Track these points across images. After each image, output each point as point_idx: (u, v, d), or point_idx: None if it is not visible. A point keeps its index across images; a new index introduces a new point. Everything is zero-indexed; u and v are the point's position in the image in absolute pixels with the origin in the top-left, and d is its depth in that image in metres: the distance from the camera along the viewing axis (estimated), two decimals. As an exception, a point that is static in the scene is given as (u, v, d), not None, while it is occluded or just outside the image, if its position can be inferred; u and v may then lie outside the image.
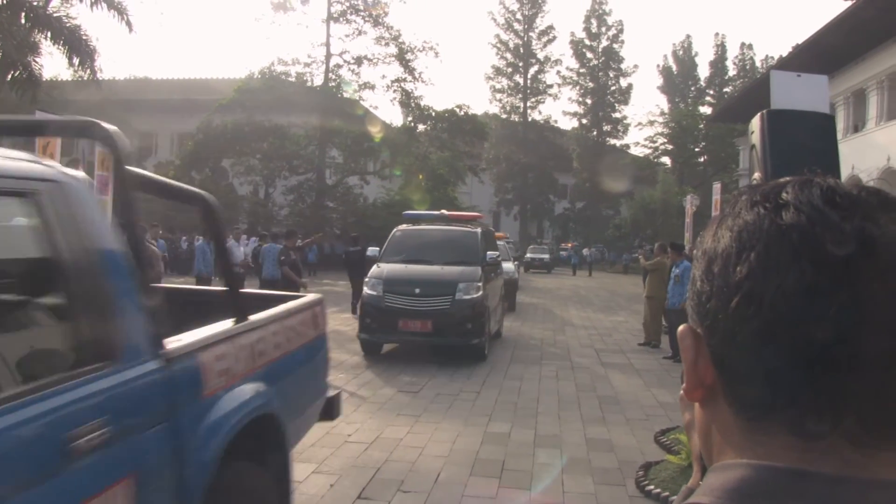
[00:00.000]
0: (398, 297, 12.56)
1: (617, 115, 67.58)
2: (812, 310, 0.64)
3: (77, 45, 22.20)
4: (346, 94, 42.51)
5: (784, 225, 0.68)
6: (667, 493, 6.16)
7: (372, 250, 14.69)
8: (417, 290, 12.53)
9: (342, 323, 16.42)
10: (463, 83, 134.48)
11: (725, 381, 0.72)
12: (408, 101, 42.64)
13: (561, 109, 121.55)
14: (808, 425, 0.66)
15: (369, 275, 13.32)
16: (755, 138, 4.74)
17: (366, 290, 12.97)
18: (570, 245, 59.29)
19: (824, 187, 0.70)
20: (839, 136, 27.76)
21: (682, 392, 0.82)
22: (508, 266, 21.72)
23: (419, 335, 12.60)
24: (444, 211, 17.61)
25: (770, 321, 0.66)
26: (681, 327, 0.77)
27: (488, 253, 14.17)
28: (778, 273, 0.66)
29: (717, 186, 15.42)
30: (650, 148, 64.70)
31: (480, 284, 12.89)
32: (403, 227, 15.22)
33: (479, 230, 14.92)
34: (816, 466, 0.65)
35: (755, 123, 4.78)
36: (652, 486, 6.39)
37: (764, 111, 4.71)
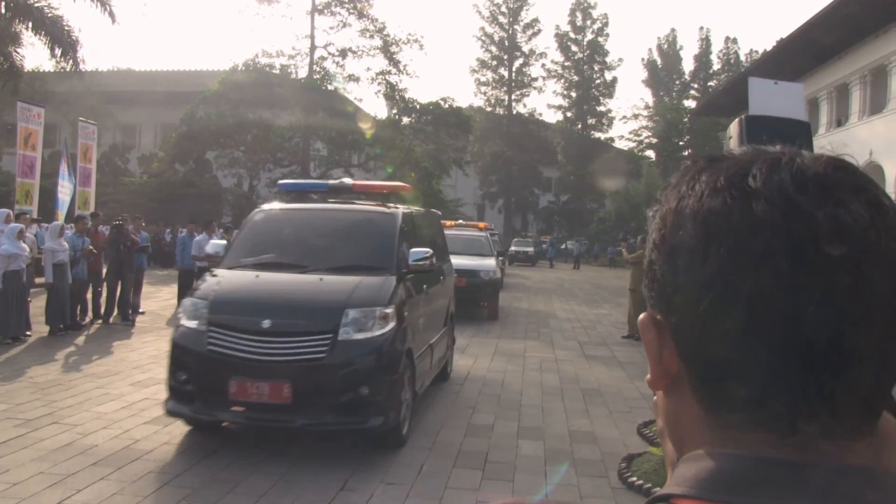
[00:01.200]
0: (231, 338, 6.89)
1: (602, 108, 67.65)
2: (790, 308, 0.62)
3: (59, 36, 22.02)
4: (330, 87, 42.37)
5: (755, 219, 0.64)
6: (649, 485, 6.19)
7: (215, 245, 9.43)
8: (266, 324, 6.81)
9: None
10: (448, 76, 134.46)
11: (693, 377, 0.70)
12: (392, 94, 42.54)
13: (546, 102, 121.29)
14: (783, 421, 0.65)
15: (191, 293, 7.97)
16: (733, 143, 4.78)
17: (180, 321, 7.42)
18: (546, 238, 59.46)
19: (794, 170, 0.66)
20: (822, 130, 28.01)
21: (654, 399, 0.80)
22: (489, 263, 18.55)
23: (267, 410, 6.74)
24: (345, 179, 10.86)
25: (745, 321, 0.64)
26: (641, 316, 0.74)
27: (415, 251, 8.23)
28: (752, 271, 0.63)
29: (700, 180, 15.51)
30: (635, 141, 64.85)
31: (390, 311, 7.18)
32: (270, 206, 9.48)
33: (398, 212, 8.80)
34: (790, 458, 0.64)
35: (733, 128, 4.83)
36: (634, 478, 6.42)
37: (742, 116, 4.75)
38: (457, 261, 13.84)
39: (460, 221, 21.32)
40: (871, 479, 0.64)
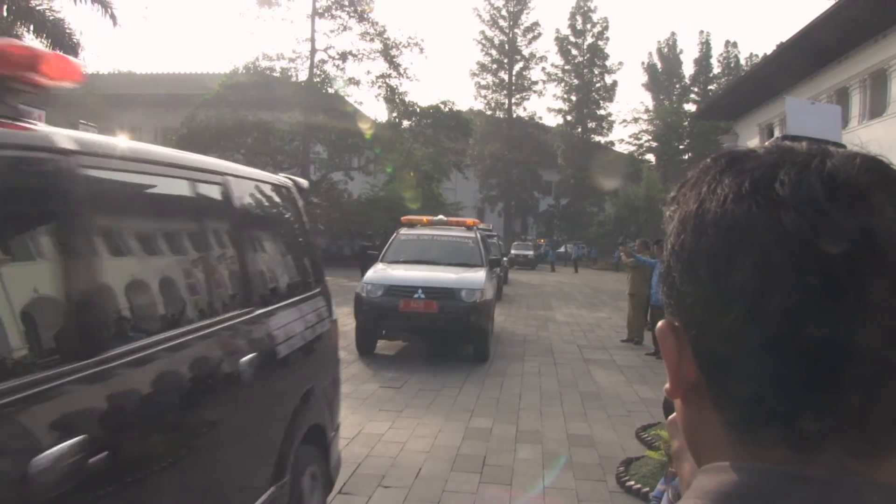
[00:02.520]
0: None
1: (602, 112, 67.72)
2: (820, 327, 0.60)
3: (61, 39, 22.04)
4: (331, 90, 42.38)
5: (783, 230, 0.61)
6: (647, 489, 6.19)
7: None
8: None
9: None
10: (448, 79, 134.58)
11: (714, 390, 0.67)
12: (392, 97, 42.53)
13: (546, 106, 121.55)
14: (809, 440, 0.62)
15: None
16: None
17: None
18: (543, 241, 59.54)
19: (824, 175, 0.63)
20: (821, 134, 28.28)
21: (670, 418, 0.78)
22: (473, 278, 13.25)
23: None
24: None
25: (772, 338, 0.61)
26: (660, 324, 0.72)
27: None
28: (780, 287, 0.60)
29: (700, 183, 15.51)
30: (634, 145, 64.79)
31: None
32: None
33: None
34: (816, 475, 0.62)
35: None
36: (632, 482, 6.43)
37: (780, 135, 4.76)
38: (425, 274, 12.80)
39: (440, 217, 16.50)
40: None
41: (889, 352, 0.60)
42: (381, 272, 13.12)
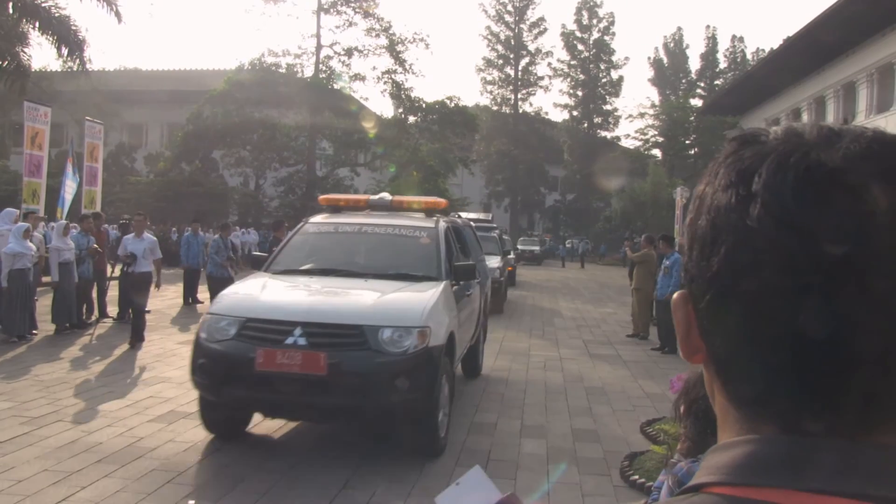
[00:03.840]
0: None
1: (608, 107, 67.60)
2: (782, 313, 0.62)
3: (66, 36, 22.05)
4: (336, 86, 42.42)
5: (750, 226, 0.63)
6: (651, 483, 6.19)
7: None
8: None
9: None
10: (454, 75, 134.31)
11: (714, 364, 0.71)
12: (398, 93, 42.54)
13: (552, 101, 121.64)
14: (786, 419, 0.64)
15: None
16: None
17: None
18: (549, 236, 59.61)
19: (801, 170, 0.63)
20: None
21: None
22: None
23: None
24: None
25: (741, 322, 0.64)
26: (675, 295, 0.74)
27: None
28: (745, 277, 0.63)
29: (706, 178, 15.49)
30: (641, 140, 64.69)
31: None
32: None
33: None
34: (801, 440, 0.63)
35: None
36: (636, 476, 6.43)
37: None
38: (315, 299, 7.34)
39: (382, 196, 10.08)
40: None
41: (857, 338, 0.61)
42: (245, 293, 7.59)
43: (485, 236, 18.22)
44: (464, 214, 19.19)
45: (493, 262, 18.07)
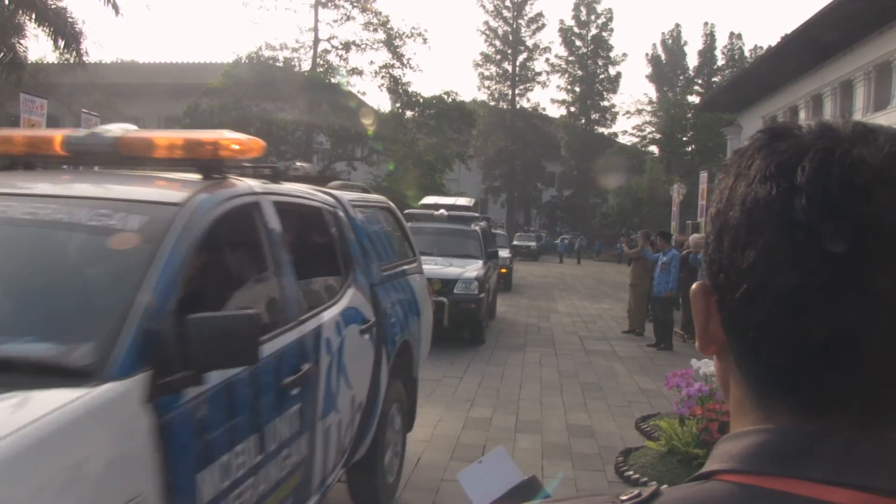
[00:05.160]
0: None
1: (605, 103, 67.47)
2: (819, 309, 0.63)
3: (63, 28, 21.99)
4: (334, 80, 42.35)
5: (794, 216, 0.64)
6: (646, 479, 6.20)
7: None
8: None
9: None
10: (451, 70, 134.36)
11: (735, 352, 0.71)
12: (396, 88, 42.48)
13: (549, 97, 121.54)
14: (812, 414, 0.65)
15: None
16: None
17: None
18: (544, 233, 59.75)
19: (846, 165, 0.64)
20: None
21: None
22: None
23: None
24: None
25: (774, 316, 0.65)
26: (694, 285, 0.75)
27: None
28: (784, 269, 0.64)
29: (703, 175, 15.53)
30: (638, 137, 64.69)
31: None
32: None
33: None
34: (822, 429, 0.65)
35: None
36: (631, 472, 6.44)
37: None
38: None
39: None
40: None
41: (890, 337, 0.62)
42: None
43: (460, 231, 15.03)
44: (433, 199, 17.42)
45: (471, 268, 13.60)
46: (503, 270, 21.69)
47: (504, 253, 23.48)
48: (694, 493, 0.67)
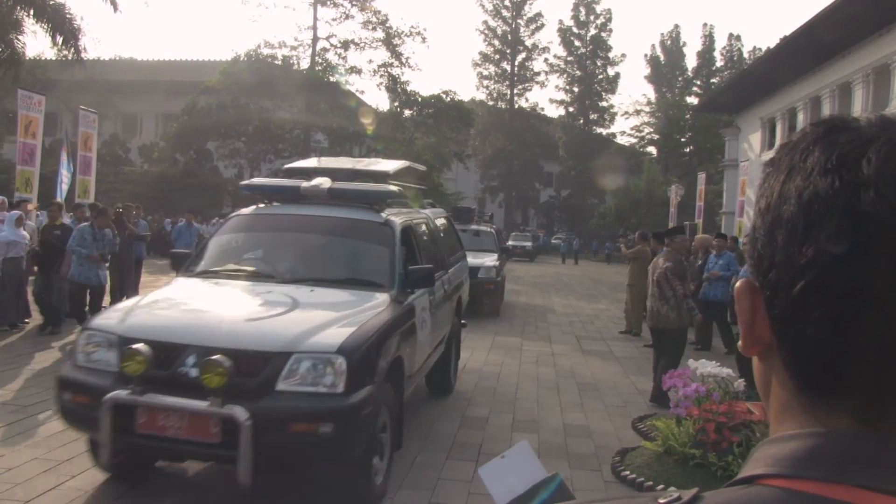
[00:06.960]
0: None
1: (604, 103, 67.46)
2: (887, 308, 0.60)
3: (61, 24, 21.96)
4: (332, 79, 42.37)
5: (861, 210, 0.61)
6: (642, 479, 6.20)
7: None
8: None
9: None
10: (450, 69, 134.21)
11: (784, 353, 0.68)
12: (394, 87, 42.53)
13: (548, 97, 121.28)
14: (871, 415, 0.63)
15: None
16: None
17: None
18: (542, 233, 59.70)
19: None
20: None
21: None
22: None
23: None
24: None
25: (837, 314, 0.62)
26: (738, 283, 0.72)
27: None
28: (850, 265, 0.61)
29: (701, 176, 15.52)
30: (636, 137, 64.71)
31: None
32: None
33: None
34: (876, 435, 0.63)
35: None
36: (627, 472, 6.43)
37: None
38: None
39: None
40: None
41: None
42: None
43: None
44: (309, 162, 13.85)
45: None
46: (488, 286, 16.76)
47: (488, 260, 17.35)
48: (738, 498, 0.64)
